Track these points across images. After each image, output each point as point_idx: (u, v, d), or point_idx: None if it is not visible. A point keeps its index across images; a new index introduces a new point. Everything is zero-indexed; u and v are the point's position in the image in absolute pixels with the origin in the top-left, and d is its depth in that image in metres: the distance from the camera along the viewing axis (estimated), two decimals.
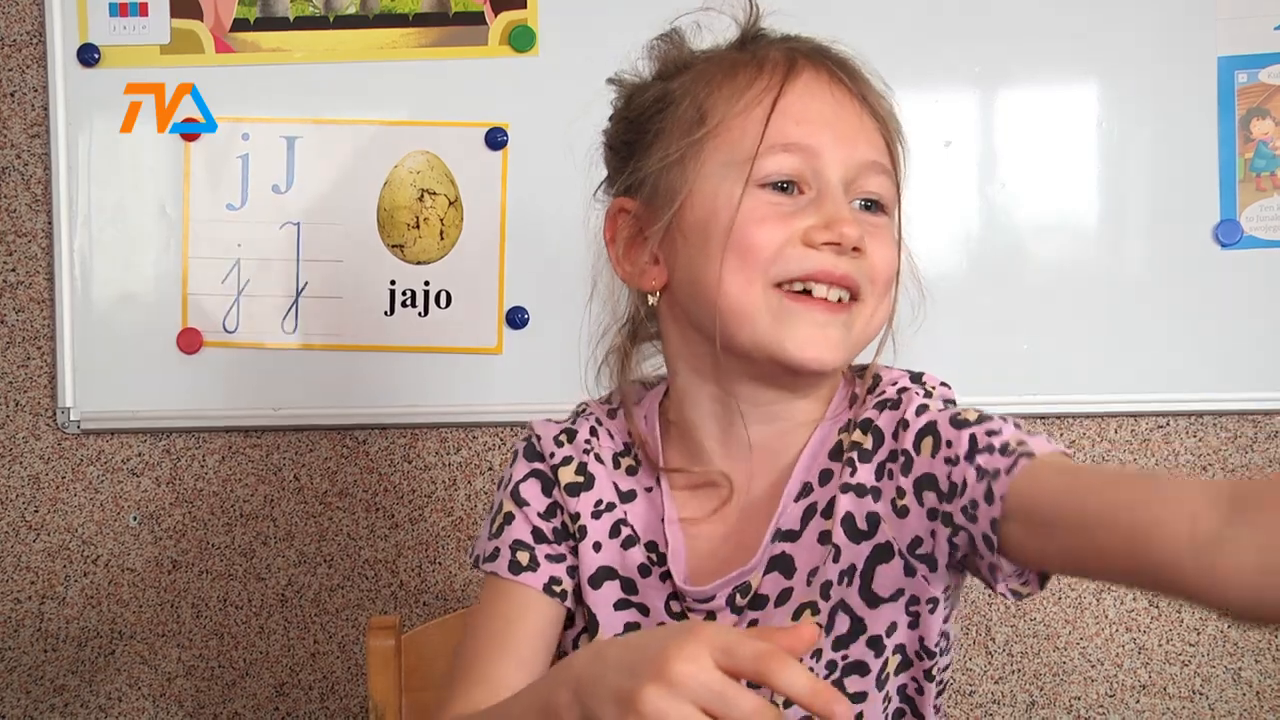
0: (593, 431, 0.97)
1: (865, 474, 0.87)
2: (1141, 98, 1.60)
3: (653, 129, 0.91)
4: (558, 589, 0.93)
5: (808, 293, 0.86)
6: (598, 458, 0.96)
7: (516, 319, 1.62)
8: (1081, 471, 0.79)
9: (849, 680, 0.88)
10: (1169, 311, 1.60)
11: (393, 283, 1.64)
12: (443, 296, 1.63)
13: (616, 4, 1.58)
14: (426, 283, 1.63)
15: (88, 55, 1.62)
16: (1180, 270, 1.60)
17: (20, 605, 1.68)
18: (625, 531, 0.94)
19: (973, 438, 0.82)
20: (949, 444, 0.83)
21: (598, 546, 0.94)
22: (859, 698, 0.89)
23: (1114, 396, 1.62)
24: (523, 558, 0.94)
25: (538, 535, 0.95)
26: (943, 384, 0.93)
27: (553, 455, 0.96)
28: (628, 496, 0.95)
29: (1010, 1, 1.61)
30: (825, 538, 0.88)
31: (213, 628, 1.68)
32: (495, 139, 1.61)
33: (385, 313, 1.64)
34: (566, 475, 0.95)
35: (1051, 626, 1.66)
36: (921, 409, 0.87)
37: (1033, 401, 1.61)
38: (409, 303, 1.63)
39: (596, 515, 0.94)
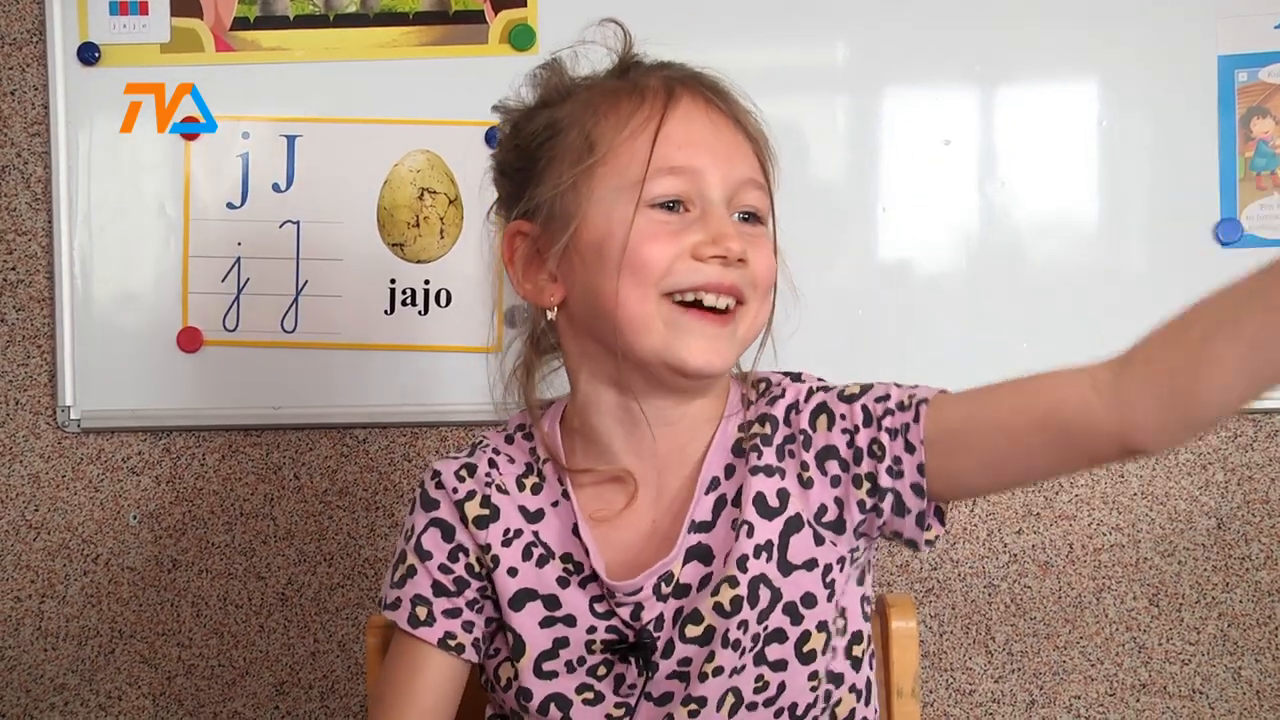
0: (491, 463, 1.02)
1: (769, 456, 0.97)
2: (1142, 96, 1.60)
3: (543, 156, 0.98)
4: (452, 643, 0.99)
5: (698, 302, 0.93)
6: (500, 488, 1.00)
7: (516, 318, 1.62)
8: (976, 391, 0.92)
9: (769, 649, 0.95)
10: (1169, 310, 1.59)
11: (393, 281, 1.64)
12: (443, 295, 1.63)
13: (616, 3, 1.58)
14: (426, 281, 1.64)
15: (88, 54, 1.62)
16: (1180, 269, 1.60)
17: (20, 604, 1.68)
18: (538, 551, 0.99)
19: (865, 408, 0.94)
20: (843, 417, 0.95)
21: (513, 571, 0.98)
22: (779, 666, 0.96)
23: None
24: (421, 612, 0.99)
25: (437, 589, 0.99)
26: (819, 379, 1.02)
27: (455, 490, 1.00)
28: (536, 516, 1.00)
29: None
30: (736, 524, 0.96)
31: (213, 627, 1.68)
32: (495, 137, 1.61)
33: (385, 311, 1.64)
34: (472, 509, 1.00)
35: (1051, 626, 1.66)
36: (809, 393, 0.98)
37: None
38: (409, 301, 1.64)
39: (507, 543, 0.99)
